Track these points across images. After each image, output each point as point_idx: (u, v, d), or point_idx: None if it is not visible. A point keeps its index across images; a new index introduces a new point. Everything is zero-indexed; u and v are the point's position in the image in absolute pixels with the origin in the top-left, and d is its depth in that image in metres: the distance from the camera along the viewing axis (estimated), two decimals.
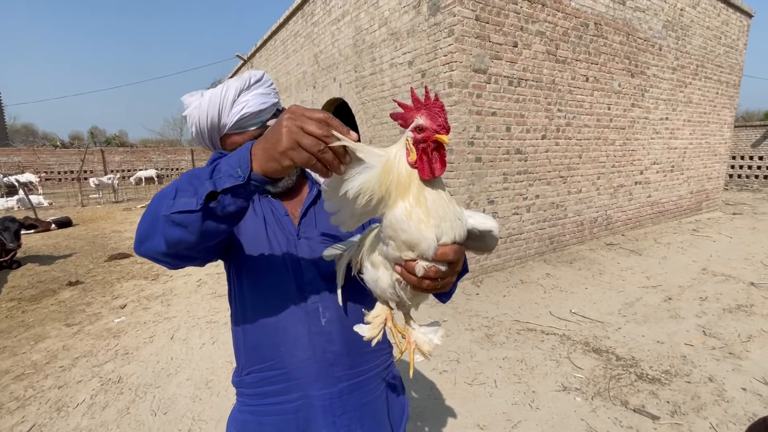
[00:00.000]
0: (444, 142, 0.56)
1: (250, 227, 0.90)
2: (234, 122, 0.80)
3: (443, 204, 0.60)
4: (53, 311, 3.77)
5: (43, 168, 16.28)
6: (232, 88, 0.81)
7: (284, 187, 0.92)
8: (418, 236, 0.57)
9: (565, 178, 5.16)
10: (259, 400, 0.91)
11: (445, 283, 0.63)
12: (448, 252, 0.59)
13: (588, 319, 3.34)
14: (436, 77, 4.00)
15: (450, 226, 0.59)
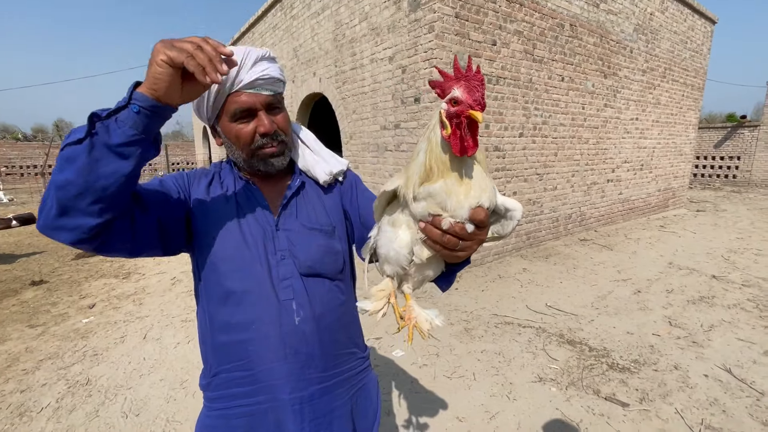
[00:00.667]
0: (477, 120, 0.54)
1: (220, 213, 0.85)
2: (252, 80, 0.77)
3: (482, 178, 0.60)
4: (14, 312, 3.57)
5: (3, 162, 15.37)
6: (254, 52, 0.79)
7: (277, 167, 0.87)
8: (456, 206, 0.59)
9: (542, 175, 5.28)
10: (227, 402, 0.85)
11: (464, 247, 0.61)
12: (480, 212, 0.59)
13: (563, 312, 3.44)
14: (416, 73, 4.01)
15: (488, 196, 0.60)
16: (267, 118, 0.82)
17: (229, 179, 0.90)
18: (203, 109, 0.82)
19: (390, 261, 0.71)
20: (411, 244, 0.67)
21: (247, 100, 0.79)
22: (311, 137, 0.97)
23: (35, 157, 16.08)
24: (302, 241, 0.87)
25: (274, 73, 0.81)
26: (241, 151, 0.84)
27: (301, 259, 0.86)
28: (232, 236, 0.83)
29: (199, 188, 0.88)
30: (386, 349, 2.85)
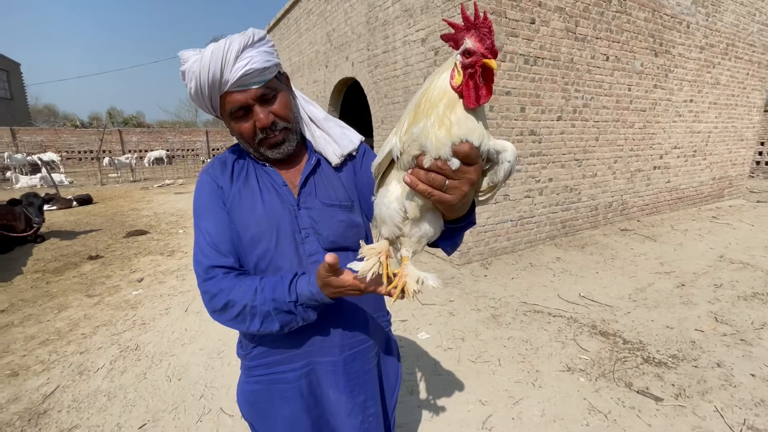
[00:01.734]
0: (492, 68, 0.53)
1: (245, 200, 0.88)
2: (237, 78, 0.76)
3: (469, 118, 0.56)
4: (75, 283, 3.93)
5: (64, 147, 16.71)
6: (235, 42, 0.76)
7: (285, 153, 0.89)
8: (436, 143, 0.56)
9: (581, 161, 5.04)
10: (265, 370, 0.93)
11: (453, 187, 0.58)
12: (463, 146, 0.55)
13: (597, 303, 3.32)
14: (449, 55, 3.90)
15: (477, 135, 0.56)
16: (262, 112, 0.82)
17: (248, 165, 0.93)
18: (205, 109, 0.85)
19: (384, 220, 0.69)
20: (401, 198, 0.66)
21: (238, 98, 0.79)
22: (320, 115, 0.96)
23: (91, 143, 17.33)
24: (323, 217, 0.90)
25: (258, 64, 0.78)
26: (247, 144, 0.87)
27: (324, 234, 0.90)
28: (259, 219, 0.87)
29: (225, 184, 0.89)
30: (411, 331, 2.89)
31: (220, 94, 0.80)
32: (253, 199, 0.88)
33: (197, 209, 0.89)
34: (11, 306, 3.43)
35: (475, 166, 0.59)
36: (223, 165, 0.92)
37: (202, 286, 0.84)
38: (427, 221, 0.68)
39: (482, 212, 4.20)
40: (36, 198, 5.17)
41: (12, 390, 2.32)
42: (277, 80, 0.86)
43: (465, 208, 0.66)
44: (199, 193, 0.90)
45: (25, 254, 4.86)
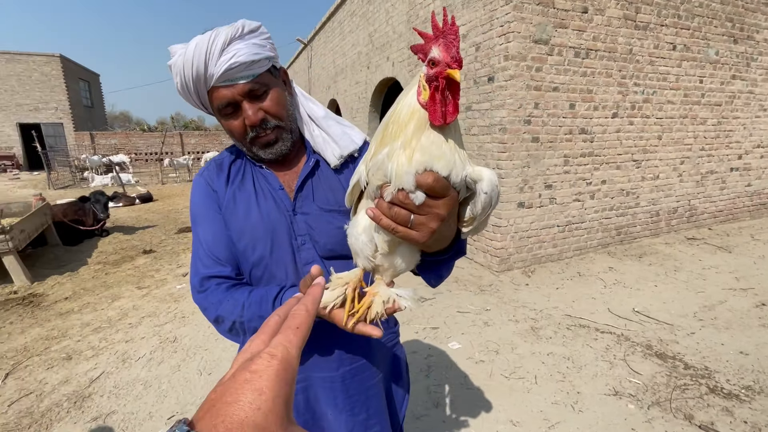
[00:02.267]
0: (455, 79, 0.47)
1: (240, 204, 0.83)
2: (222, 72, 0.71)
3: (440, 144, 0.50)
4: (129, 275, 4.24)
5: (133, 150, 18.37)
6: (222, 34, 0.71)
7: (278, 153, 0.82)
8: (398, 171, 0.49)
9: (639, 162, 4.58)
10: None
11: (419, 224, 0.51)
12: (427, 176, 0.49)
13: (654, 320, 2.97)
14: (491, 50, 3.72)
15: (444, 163, 0.49)
16: (251, 108, 0.75)
17: (245, 166, 0.88)
18: (197, 106, 0.80)
19: (356, 252, 0.63)
20: (369, 230, 0.59)
21: (225, 94, 0.74)
22: (320, 113, 0.88)
23: (156, 145, 18.88)
24: (320, 224, 0.83)
25: (244, 57, 0.71)
26: (240, 142, 0.82)
27: (320, 242, 0.83)
28: (254, 226, 0.82)
29: (220, 188, 0.85)
30: (442, 339, 2.76)
31: (207, 90, 0.75)
32: (248, 203, 0.83)
33: (193, 215, 0.86)
34: (74, 294, 3.75)
35: (443, 200, 0.51)
36: (219, 167, 0.87)
37: (196, 298, 0.81)
38: (400, 255, 0.60)
39: (526, 216, 3.95)
40: (102, 196, 5.67)
41: (65, 372, 2.51)
42: (271, 75, 0.79)
43: (444, 243, 0.59)
44: (194, 197, 0.86)
45: (91, 247, 5.34)
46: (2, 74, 17.82)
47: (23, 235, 4.16)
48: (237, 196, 0.84)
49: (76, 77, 20.69)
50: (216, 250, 0.82)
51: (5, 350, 2.80)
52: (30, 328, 3.11)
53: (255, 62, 0.74)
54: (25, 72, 18.14)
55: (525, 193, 3.90)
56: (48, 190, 11.29)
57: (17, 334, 3.03)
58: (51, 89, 18.57)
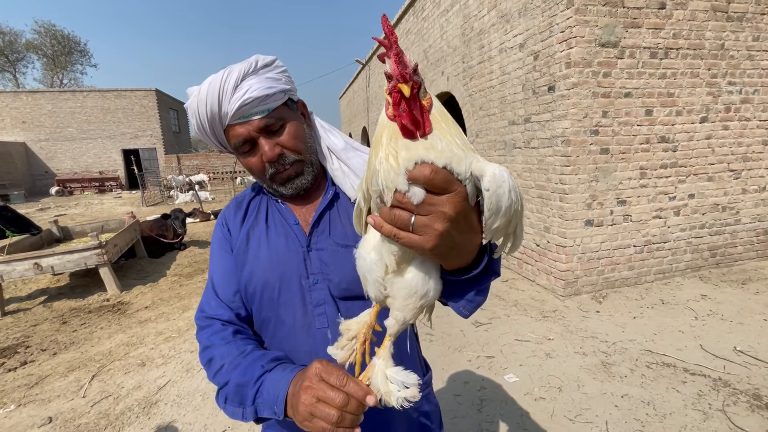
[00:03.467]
0: (404, 93, 0.43)
1: (252, 242, 0.81)
2: (235, 110, 0.69)
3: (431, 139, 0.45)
4: (199, 287, 4.59)
5: (212, 169, 20.28)
6: (234, 71, 0.71)
7: (299, 188, 0.79)
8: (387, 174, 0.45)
9: (738, 171, 3.94)
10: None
11: (422, 225, 0.45)
12: (423, 168, 0.43)
13: (763, 363, 2.46)
14: (551, 58, 3.48)
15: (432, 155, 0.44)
16: (268, 144, 0.73)
17: (262, 202, 0.86)
18: (215, 146, 0.80)
19: (365, 276, 0.57)
20: (379, 246, 0.53)
21: (240, 132, 0.72)
22: (340, 145, 0.83)
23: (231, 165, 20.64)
24: (336, 260, 0.78)
25: (257, 92, 0.70)
26: (261, 179, 0.80)
27: (335, 281, 0.77)
28: (263, 266, 0.79)
29: (234, 227, 0.85)
30: (497, 370, 2.55)
31: (222, 129, 0.74)
32: (259, 242, 0.81)
33: (210, 253, 0.88)
34: (153, 303, 4.15)
35: (447, 196, 0.44)
36: (238, 206, 0.87)
37: (198, 335, 0.80)
38: (412, 272, 0.53)
39: (595, 235, 3.58)
40: (180, 212, 6.28)
41: (138, 378, 2.75)
42: (287, 108, 0.77)
43: (464, 255, 0.51)
44: (213, 236, 0.88)
45: (171, 259, 5.90)
46: (112, 108, 20.94)
47: (116, 249, 4.72)
48: (251, 234, 0.82)
49: (167, 107, 23.58)
50: (222, 291, 0.81)
51: (94, 353, 3.14)
52: (115, 334, 3.48)
53: (269, 96, 0.72)
54: (129, 105, 21.12)
55: (594, 209, 3.54)
56: (141, 207, 12.85)
57: (105, 338, 3.40)
58: (147, 119, 21.38)
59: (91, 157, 21.10)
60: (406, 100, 0.44)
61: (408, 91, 0.42)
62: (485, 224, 0.48)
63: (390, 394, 0.52)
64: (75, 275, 5.07)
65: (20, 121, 20.01)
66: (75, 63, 31.53)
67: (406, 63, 0.43)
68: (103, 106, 20.86)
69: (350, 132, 16.23)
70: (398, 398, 0.52)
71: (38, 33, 29.34)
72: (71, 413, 2.40)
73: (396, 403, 0.52)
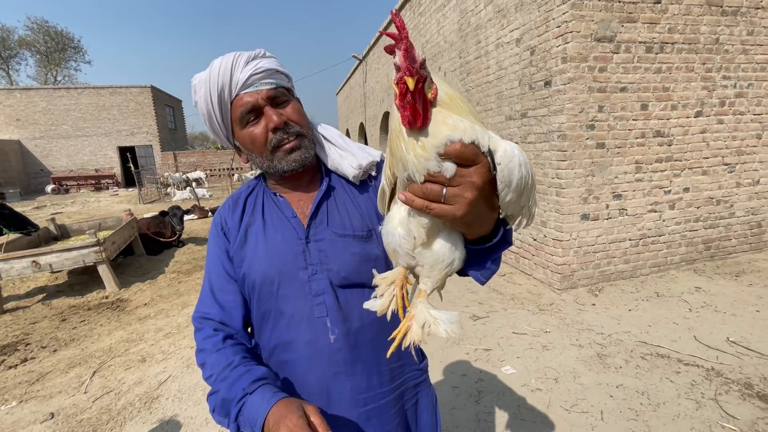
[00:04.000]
0: (408, 87, 0.46)
1: (250, 237, 0.83)
2: (247, 77, 0.75)
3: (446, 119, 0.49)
4: (198, 284, 4.60)
5: (209, 166, 20.21)
6: (245, 53, 0.78)
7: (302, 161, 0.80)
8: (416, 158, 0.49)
9: (733, 165, 3.98)
10: None
11: (453, 195, 0.49)
12: (454, 144, 0.47)
13: (755, 353, 2.51)
14: (547, 53, 3.50)
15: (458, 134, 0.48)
16: (274, 112, 0.77)
17: (259, 197, 0.87)
18: (217, 129, 0.81)
19: (395, 250, 0.61)
20: (405, 222, 0.58)
21: (248, 100, 0.76)
22: (335, 133, 0.88)
23: (228, 162, 20.59)
24: (334, 250, 0.80)
25: (268, 65, 0.77)
26: (261, 155, 0.80)
27: (334, 270, 0.79)
28: (261, 259, 0.80)
29: (233, 224, 0.85)
30: (495, 362, 2.58)
31: (230, 100, 0.77)
32: (257, 237, 0.82)
33: (207, 252, 0.89)
34: (152, 300, 4.16)
35: (475, 167, 0.49)
36: (235, 203, 0.88)
37: (194, 335, 0.82)
38: (440, 243, 0.59)
39: (591, 228, 3.61)
40: (178, 210, 6.27)
41: (139, 374, 2.77)
42: (290, 93, 0.82)
43: (486, 223, 0.56)
44: (210, 234, 0.89)
45: (169, 256, 5.91)
46: (107, 105, 20.77)
47: (114, 247, 4.72)
48: (249, 230, 0.83)
49: (163, 104, 23.41)
50: (217, 291, 0.83)
51: (95, 350, 3.16)
52: (115, 331, 3.49)
53: (277, 72, 0.79)
54: (124, 102, 20.96)
55: (590, 204, 3.57)
56: (138, 205, 12.81)
57: (105, 335, 3.42)
58: (143, 116, 21.22)
59: (86, 155, 20.96)
60: (410, 92, 0.46)
61: (413, 85, 0.45)
62: (500, 197, 0.52)
63: (437, 323, 0.58)
64: (73, 273, 5.07)
65: (14, 118, 19.84)
66: (69, 60, 31.18)
67: (414, 57, 0.45)
68: (98, 103, 20.68)
69: (347, 128, 16.20)
70: (445, 328, 0.57)
71: (31, 29, 28.97)
72: (73, 409, 2.42)
73: (443, 332, 0.57)
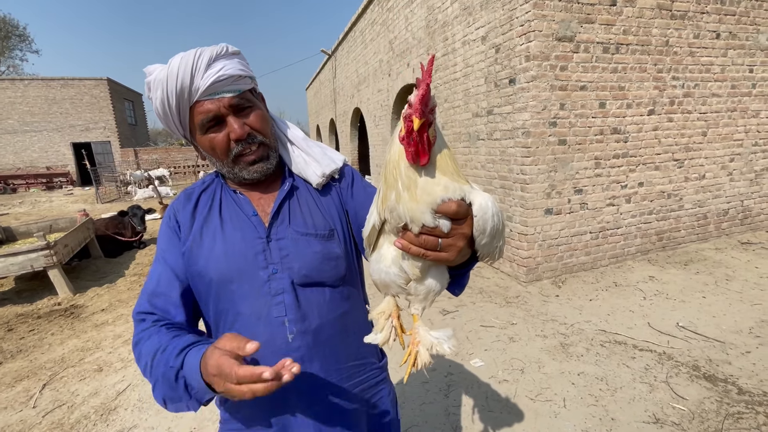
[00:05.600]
0: (413, 127, 0.50)
1: (206, 235, 0.79)
2: (208, 85, 0.70)
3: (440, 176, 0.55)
4: None
5: (173, 163, 19.37)
6: (207, 51, 0.72)
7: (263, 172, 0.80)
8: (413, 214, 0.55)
9: (682, 161, 4.23)
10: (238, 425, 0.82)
11: (447, 246, 0.56)
12: (450, 204, 0.54)
13: (702, 337, 2.69)
14: (511, 51, 3.57)
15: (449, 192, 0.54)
16: (236, 122, 0.74)
17: (216, 193, 0.84)
18: (172, 127, 0.77)
19: (387, 285, 0.67)
20: (398, 260, 0.64)
21: (210, 108, 0.72)
22: (300, 135, 0.87)
23: (193, 158, 19.81)
24: (296, 248, 0.79)
25: (232, 71, 0.72)
26: (221, 162, 0.78)
27: (295, 268, 0.78)
28: (218, 258, 0.77)
29: (184, 220, 0.81)
30: (464, 356, 2.63)
31: (189, 105, 0.73)
32: (214, 236, 0.79)
33: (157, 248, 0.84)
34: (110, 306, 3.94)
35: (466, 221, 0.56)
36: (187, 198, 0.84)
37: (134, 329, 0.77)
38: (431, 277, 0.65)
39: (554, 222, 3.74)
40: (139, 209, 5.97)
41: (95, 384, 2.61)
42: (253, 95, 0.79)
43: (466, 257, 0.61)
44: (160, 230, 0.84)
45: (129, 259, 5.62)
46: (58, 98, 19.43)
47: (67, 250, 4.43)
48: (204, 229, 0.80)
49: (122, 98, 22.18)
50: (158, 291, 0.78)
51: (45, 361, 2.96)
52: (68, 339, 3.28)
53: (241, 78, 0.75)
54: (78, 95, 19.67)
55: (553, 198, 3.70)
56: (96, 204, 12.11)
57: (57, 345, 3.21)
58: (99, 110, 20.02)
59: (36, 151, 19.56)
60: (417, 132, 0.51)
61: (417, 126, 0.50)
62: (476, 241, 0.58)
63: (440, 343, 0.65)
64: (21, 279, 4.73)
65: None
66: (13, 48, 28.88)
67: (427, 102, 0.50)
68: (48, 96, 19.30)
69: (318, 124, 15.97)
70: (448, 346, 0.65)
71: None
72: (20, 425, 2.25)
73: (447, 349, 0.64)
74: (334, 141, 13.58)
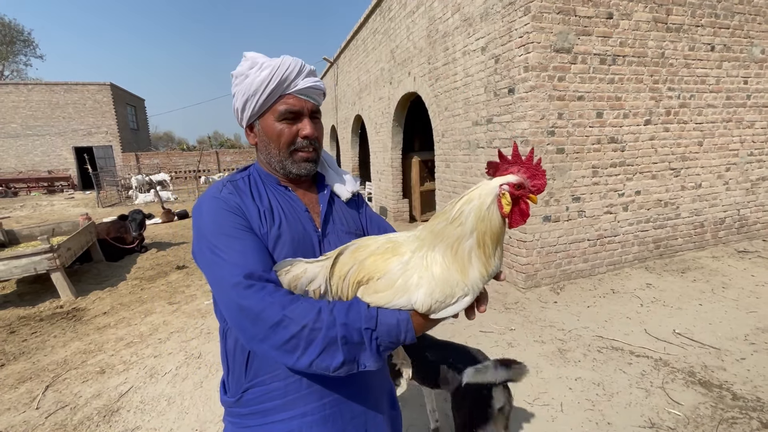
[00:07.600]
0: (533, 201, 0.71)
1: (273, 228, 0.85)
2: (306, 86, 0.86)
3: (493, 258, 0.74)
4: (162, 290, 4.43)
5: (174, 168, 19.48)
6: (307, 65, 0.89)
7: (310, 171, 0.91)
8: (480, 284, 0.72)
9: (678, 170, 4.30)
10: (260, 419, 0.83)
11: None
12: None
13: (698, 344, 2.73)
14: (510, 62, 3.65)
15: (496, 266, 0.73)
16: (311, 124, 0.88)
17: (264, 188, 0.89)
18: (251, 105, 0.86)
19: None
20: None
21: (296, 103, 0.86)
22: (332, 159, 1.04)
23: (194, 163, 19.93)
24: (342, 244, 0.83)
25: (322, 86, 0.90)
26: (279, 150, 0.88)
27: None
28: (287, 243, 0.82)
29: (250, 205, 0.84)
30: None
31: (281, 94, 0.85)
32: (280, 223, 0.84)
33: (216, 241, 0.75)
34: (112, 309, 3.97)
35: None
36: (236, 187, 0.86)
37: (240, 299, 0.69)
38: None
39: (553, 230, 3.79)
40: (138, 214, 6.01)
41: (98, 386, 2.64)
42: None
43: None
44: (216, 216, 0.78)
45: (131, 262, 5.65)
46: (61, 103, 19.58)
47: (69, 253, 4.47)
48: (267, 216, 0.84)
49: (124, 103, 22.35)
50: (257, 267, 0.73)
51: (47, 363, 2.98)
52: (71, 342, 3.31)
53: (323, 94, 0.92)
54: (81, 100, 19.84)
55: (551, 206, 3.75)
56: (97, 208, 12.15)
57: (59, 347, 3.23)
58: (102, 115, 20.17)
59: (38, 155, 19.66)
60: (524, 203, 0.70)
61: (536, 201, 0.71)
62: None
63: None
64: (23, 282, 4.76)
65: None
66: (18, 53, 29.15)
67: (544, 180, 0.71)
68: (51, 100, 19.46)
69: None
70: None
71: None
72: (23, 426, 2.27)
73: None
74: (335, 147, 13.67)
